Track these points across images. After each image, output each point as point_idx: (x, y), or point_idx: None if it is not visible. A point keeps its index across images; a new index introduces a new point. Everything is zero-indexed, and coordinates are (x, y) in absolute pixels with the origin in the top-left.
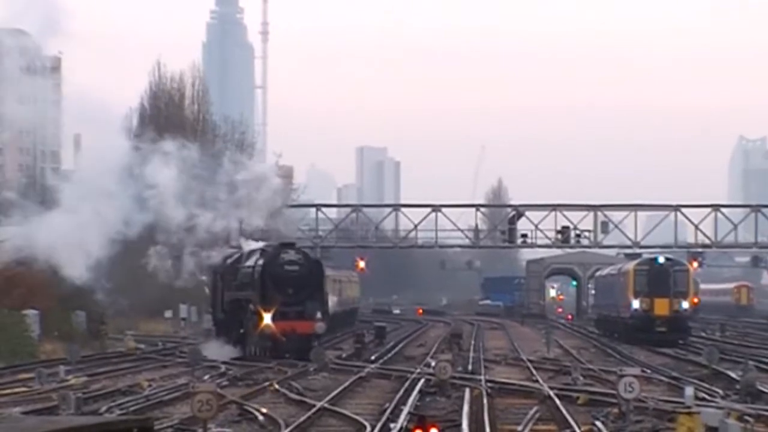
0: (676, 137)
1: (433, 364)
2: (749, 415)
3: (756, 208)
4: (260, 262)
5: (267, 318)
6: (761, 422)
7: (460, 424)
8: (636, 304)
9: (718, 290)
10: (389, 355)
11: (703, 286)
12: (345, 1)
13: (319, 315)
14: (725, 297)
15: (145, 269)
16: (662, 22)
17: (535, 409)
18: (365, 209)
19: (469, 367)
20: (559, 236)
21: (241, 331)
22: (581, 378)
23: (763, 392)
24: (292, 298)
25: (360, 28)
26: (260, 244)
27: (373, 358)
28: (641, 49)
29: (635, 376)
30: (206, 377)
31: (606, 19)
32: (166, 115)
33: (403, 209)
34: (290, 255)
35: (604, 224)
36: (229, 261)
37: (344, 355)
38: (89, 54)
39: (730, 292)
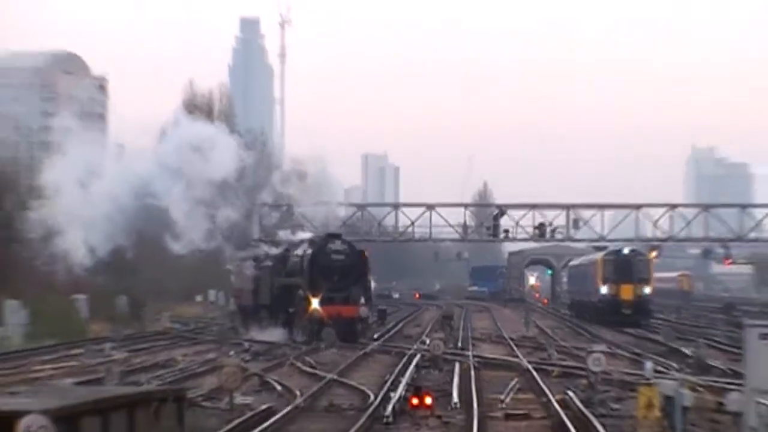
0: (639, 147)
1: (427, 341)
2: (700, 385)
3: (706, 208)
4: (309, 251)
5: (315, 303)
6: (711, 392)
7: (451, 393)
8: (604, 289)
9: (665, 278)
10: (389, 334)
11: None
12: (353, 31)
13: (362, 300)
14: (671, 284)
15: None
16: (622, 48)
17: (515, 380)
18: (369, 208)
19: (459, 345)
20: (537, 231)
21: (290, 316)
22: (555, 354)
23: (712, 366)
24: (338, 285)
25: (365, 53)
26: (308, 235)
27: (375, 336)
28: (606, 74)
29: (602, 353)
30: (232, 353)
31: (570, 42)
32: None
33: (402, 208)
34: (336, 245)
35: (575, 221)
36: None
37: None
38: (130, 75)
39: (675, 280)
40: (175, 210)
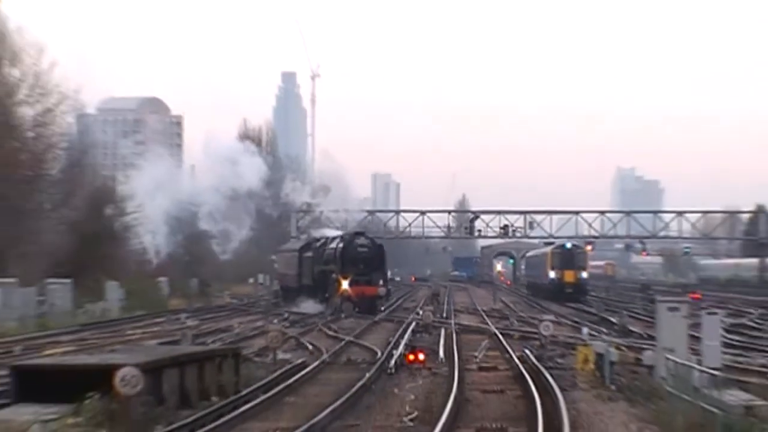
0: (577, 167)
1: (421, 313)
2: (624, 345)
3: (628, 214)
4: (340, 245)
5: (345, 284)
6: (631, 350)
7: (438, 351)
8: (552, 274)
9: (597, 266)
10: (392, 307)
11: None
12: (364, 82)
13: (381, 283)
14: (600, 270)
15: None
16: (568, 93)
17: (486, 341)
18: (377, 214)
19: (444, 315)
20: (502, 231)
21: (326, 295)
22: (516, 322)
23: (632, 331)
24: (363, 271)
25: (374, 98)
26: (339, 232)
27: (382, 309)
28: (554, 112)
29: (551, 321)
30: (275, 321)
31: (531, 89)
32: None
33: (402, 214)
34: (361, 240)
35: (531, 223)
36: (316, 245)
37: None
38: (198, 112)
39: (602, 267)
40: (209, 216)
